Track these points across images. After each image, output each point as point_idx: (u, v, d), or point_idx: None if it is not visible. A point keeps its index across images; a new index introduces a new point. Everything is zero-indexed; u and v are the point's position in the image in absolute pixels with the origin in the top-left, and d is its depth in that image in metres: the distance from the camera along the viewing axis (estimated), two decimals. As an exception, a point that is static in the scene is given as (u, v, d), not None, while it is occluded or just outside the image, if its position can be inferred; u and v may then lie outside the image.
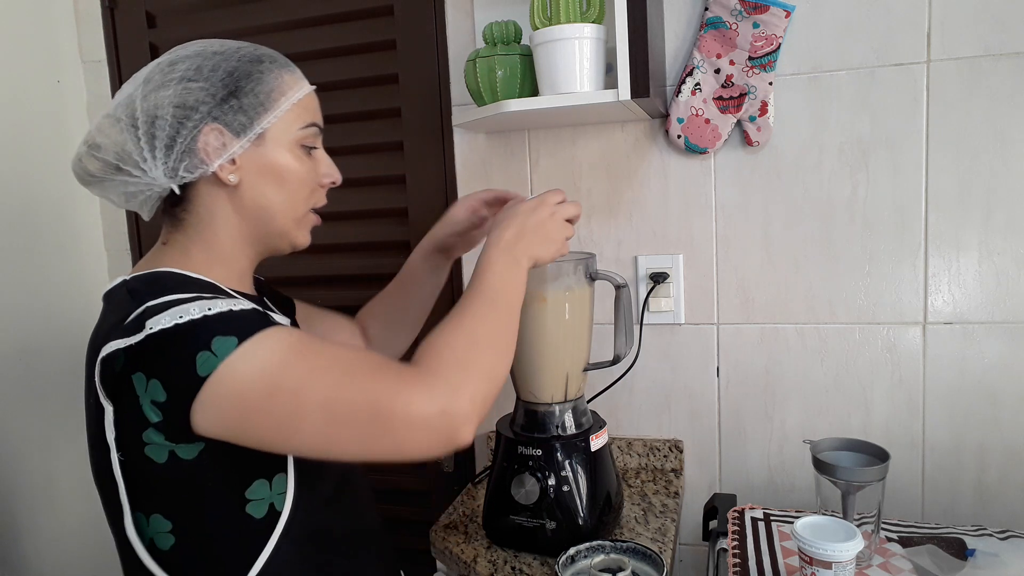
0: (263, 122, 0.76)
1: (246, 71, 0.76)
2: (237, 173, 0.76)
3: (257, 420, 0.65)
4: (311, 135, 0.80)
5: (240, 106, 0.74)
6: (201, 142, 0.73)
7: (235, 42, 0.79)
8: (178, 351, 0.64)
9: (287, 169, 0.78)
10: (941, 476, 1.17)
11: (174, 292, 0.69)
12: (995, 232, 1.11)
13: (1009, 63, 1.07)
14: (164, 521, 0.69)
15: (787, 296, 1.21)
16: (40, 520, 1.48)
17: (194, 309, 0.66)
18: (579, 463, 1.02)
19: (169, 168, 0.74)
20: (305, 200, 0.81)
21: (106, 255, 1.64)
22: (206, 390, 0.64)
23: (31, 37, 1.49)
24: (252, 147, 0.76)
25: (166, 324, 0.65)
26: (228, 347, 0.64)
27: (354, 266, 1.45)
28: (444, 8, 1.32)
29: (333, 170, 0.84)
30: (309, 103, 0.81)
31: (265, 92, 0.76)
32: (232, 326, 0.66)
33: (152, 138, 0.73)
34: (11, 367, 1.43)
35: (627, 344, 1.07)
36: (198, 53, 0.76)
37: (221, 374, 0.64)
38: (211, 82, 0.74)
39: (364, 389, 0.66)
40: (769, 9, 1.10)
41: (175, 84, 0.73)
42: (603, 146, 1.27)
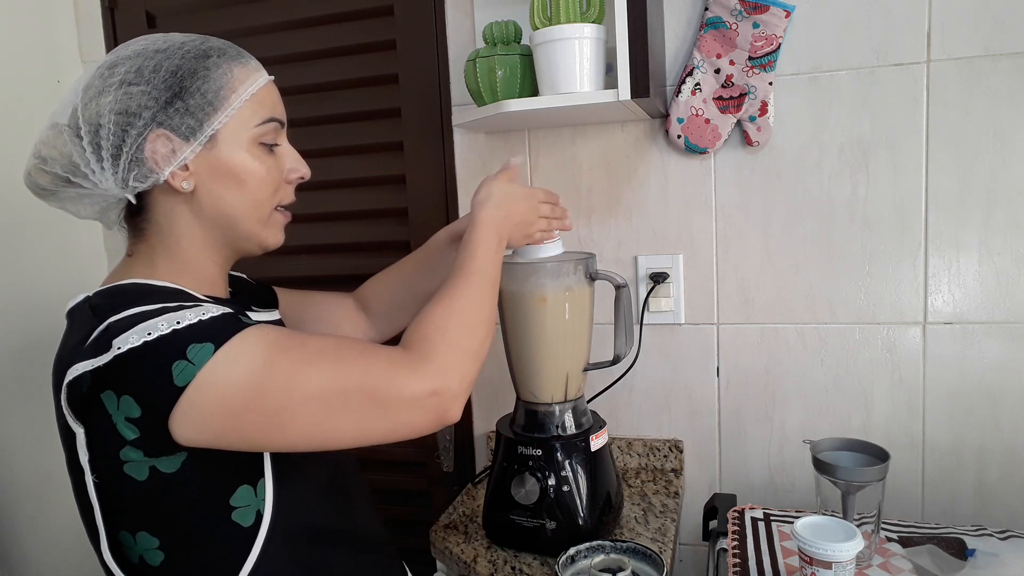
0: (213, 123, 0.71)
1: (190, 69, 0.70)
2: (191, 179, 0.72)
3: (247, 420, 0.64)
4: (270, 130, 0.75)
5: (186, 108, 0.70)
6: (148, 150, 0.69)
7: (181, 36, 0.74)
8: (151, 365, 0.62)
9: (245, 170, 0.73)
10: (941, 476, 1.17)
11: (137, 304, 0.66)
12: (995, 232, 1.11)
13: (1009, 63, 1.07)
14: (151, 538, 0.67)
15: (787, 296, 1.21)
16: (39, 520, 1.48)
17: (162, 324, 0.63)
18: (579, 463, 1.02)
19: (119, 178, 0.70)
20: (268, 200, 0.77)
21: (106, 256, 1.64)
22: (185, 399, 0.62)
23: (31, 37, 1.49)
24: (204, 150, 0.71)
25: (134, 343, 0.62)
26: (205, 354, 0.62)
27: (354, 266, 1.44)
28: (444, 8, 1.32)
29: (299, 164, 0.80)
30: (265, 97, 0.75)
31: (213, 90, 0.71)
32: (206, 333, 0.64)
33: (98, 148, 0.69)
34: (11, 367, 1.43)
35: (627, 344, 1.07)
36: (139, 53, 0.71)
37: (201, 382, 0.62)
38: (153, 84, 0.69)
39: (357, 375, 0.66)
40: (769, 9, 1.10)
41: (115, 89, 0.69)
42: (603, 146, 1.27)
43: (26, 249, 1.47)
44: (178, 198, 0.73)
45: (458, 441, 1.43)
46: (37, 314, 1.48)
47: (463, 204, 1.36)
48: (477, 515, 1.16)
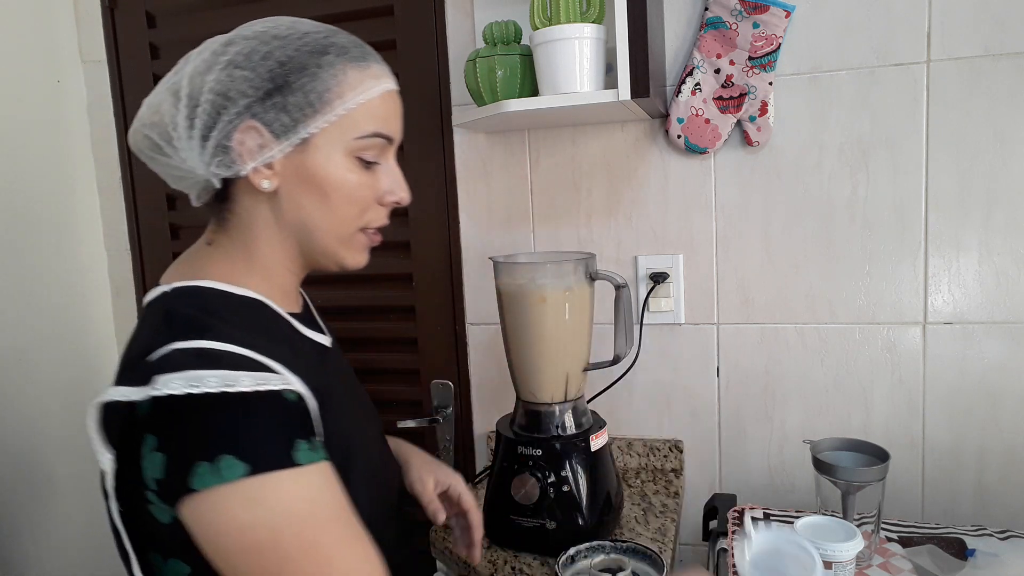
0: (309, 126, 0.66)
1: (301, 63, 0.65)
2: (273, 179, 0.67)
3: (221, 560, 0.57)
4: (372, 146, 0.69)
5: (284, 104, 0.65)
6: (236, 139, 0.65)
7: (309, 25, 0.68)
8: (186, 439, 0.56)
9: (332, 183, 0.68)
10: (941, 476, 1.17)
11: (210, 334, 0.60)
12: (995, 232, 1.11)
13: (1009, 63, 1.07)
14: (183, 565, 0.61)
15: (787, 296, 1.21)
16: (40, 520, 1.48)
17: (212, 379, 0.56)
18: (579, 463, 1.02)
19: (204, 160, 0.66)
20: (354, 218, 0.71)
21: (106, 256, 1.64)
22: (191, 501, 0.56)
23: (31, 37, 1.49)
24: (294, 152, 0.66)
25: (175, 390, 0.56)
26: (233, 473, 0.55)
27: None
28: (444, 8, 1.32)
29: (398, 188, 0.73)
30: (378, 108, 0.69)
31: (317, 91, 0.65)
32: (249, 443, 0.56)
33: (191, 123, 0.65)
34: (11, 367, 1.43)
35: (627, 344, 1.07)
36: (257, 35, 0.66)
37: (212, 499, 0.55)
38: (258, 72, 0.64)
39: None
40: (769, 9, 1.10)
41: (220, 68, 0.65)
42: (603, 146, 1.27)
43: (26, 249, 1.47)
44: (260, 196, 0.68)
45: (458, 441, 1.43)
46: (37, 314, 1.48)
47: (463, 204, 1.35)
48: (477, 515, 1.16)
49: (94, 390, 1.60)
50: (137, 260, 1.62)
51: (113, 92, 1.57)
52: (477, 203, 1.35)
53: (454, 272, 1.39)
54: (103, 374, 1.62)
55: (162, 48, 1.52)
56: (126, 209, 1.61)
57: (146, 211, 1.60)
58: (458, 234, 1.37)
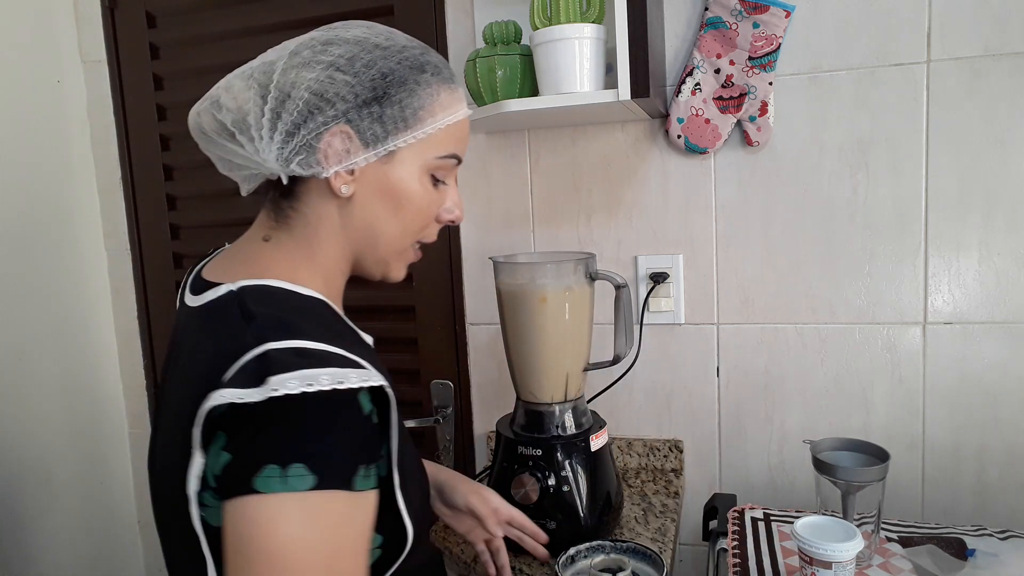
0: (399, 140, 0.67)
1: (401, 77, 0.67)
2: (352, 185, 0.68)
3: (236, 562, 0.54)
4: (448, 166, 0.72)
5: (380, 115, 0.66)
6: (325, 141, 0.65)
7: (405, 39, 0.70)
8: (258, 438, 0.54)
9: (408, 197, 0.70)
10: (941, 476, 1.17)
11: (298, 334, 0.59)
12: (995, 232, 1.11)
13: (1009, 63, 1.07)
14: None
15: (787, 296, 1.21)
16: (40, 520, 1.48)
17: (325, 378, 0.55)
18: (579, 463, 1.02)
19: (283, 156, 0.66)
20: (416, 233, 0.74)
21: (106, 255, 1.64)
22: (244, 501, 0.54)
23: (31, 37, 1.49)
24: (378, 162, 0.68)
25: (292, 390, 0.54)
26: (300, 483, 0.53)
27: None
28: (444, 8, 1.32)
29: (457, 207, 0.76)
30: (458, 130, 0.72)
31: (412, 108, 0.67)
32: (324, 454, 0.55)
33: (277, 117, 0.65)
34: (11, 367, 1.43)
35: (627, 344, 1.07)
36: (359, 41, 0.67)
37: (269, 503, 0.53)
38: (360, 79, 0.65)
39: None
40: (769, 9, 1.10)
41: (322, 68, 0.65)
42: (603, 146, 1.27)
43: (27, 249, 1.47)
44: (331, 199, 0.69)
45: (458, 441, 1.43)
46: (37, 312, 1.48)
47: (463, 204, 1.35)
48: (477, 515, 1.16)
49: (94, 390, 1.60)
50: (137, 260, 1.62)
51: (113, 92, 1.57)
52: (477, 203, 1.35)
53: (454, 272, 1.39)
54: (103, 374, 1.62)
55: (162, 48, 1.52)
56: (126, 209, 1.61)
57: (146, 211, 1.60)
58: (458, 234, 1.37)
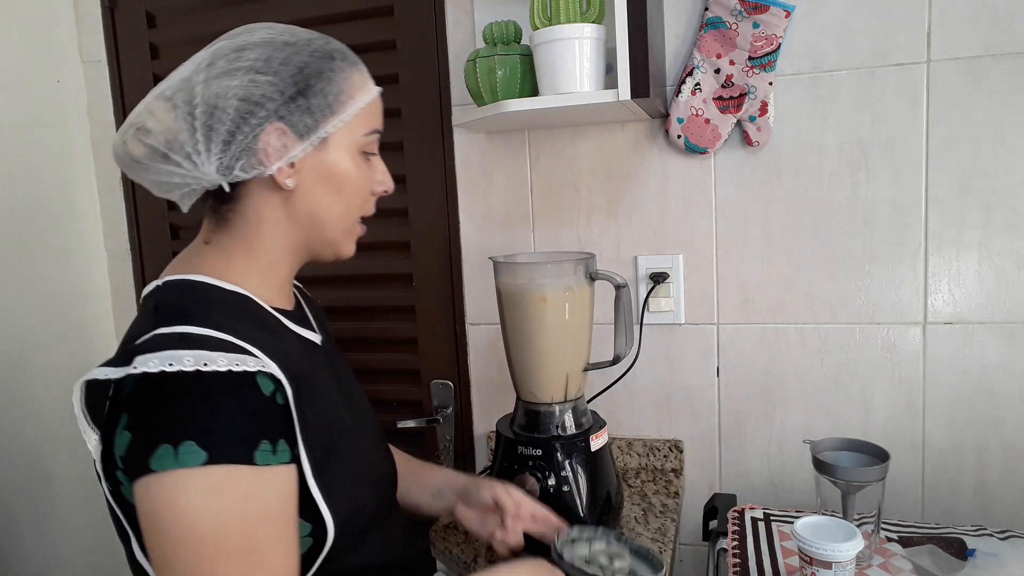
0: (329, 126, 0.71)
1: (317, 68, 0.70)
2: (295, 177, 0.71)
3: (152, 541, 0.59)
4: (373, 141, 0.77)
5: (308, 107, 0.69)
6: (262, 141, 0.68)
7: (305, 32, 0.74)
8: (153, 419, 0.59)
9: (346, 176, 0.74)
10: (941, 476, 1.17)
11: (192, 319, 0.64)
12: (995, 232, 1.11)
13: (1009, 63, 1.07)
14: None
15: (787, 296, 1.21)
16: (39, 520, 1.48)
17: (188, 359, 0.59)
18: (579, 463, 1.02)
19: (223, 164, 0.69)
20: (358, 208, 0.78)
21: (106, 256, 1.64)
22: (145, 481, 0.58)
23: (31, 37, 1.49)
24: (315, 151, 0.71)
25: (151, 368, 0.59)
26: (192, 459, 0.57)
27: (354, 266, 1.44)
28: (444, 8, 1.32)
29: (387, 177, 0.80)
30: (375, 107, 0.76)
31: (334, 93, 0.71)
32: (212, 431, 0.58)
33: (209, 129, 0.67)
34: (11, 367, 1.43)
35: (627, 344, 1.07)
36: (267, 42, 0.70)
37: (167, 481, 0.57)
38: (280, 77, 0.68)
39: None
40: (769, 9, 1.10)
41: (242, 74, 0.67)
42: (603, 146, 1.27)
43: (27, 250, 1.47)
44: (274, 194, 0.72)
45: (458, 441, 1.43)
46: (38, 315, 1.48)
47: (463, 204, 1.36)
48: (477, 515, 1.16)
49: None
50: (137, 260, 1.62)
51: (113, 92, 1.57)
52: (477, 203, 1.35)
53: (454, 272, 1.39)
54: (103, 374, 1.62)
55: (162, 48, 1.52)
56: (126, 209, 1.61)
57: (146, 211, 1.60)
58: (458, 234, 1.37)
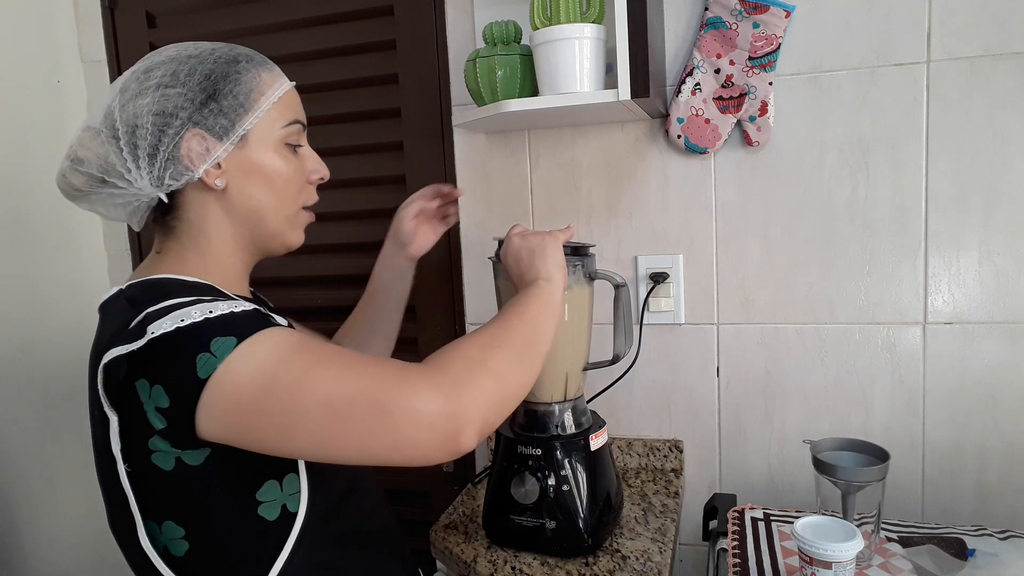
0: (245, 123, 0.75)
1: (223, 73, 0.75)
2: (223, 177, 0.75)
3: (257, 421, 0.64)
4: (295, 132, 0.80)
5: (220, 109, 0.74)
6: (184, 148, 0.73)
7: (209, 44, 0.78)
8: (179, 355, 0.63)
9: (273, 169, 0.78)
10: (941, 476, 1.17)
11: (174, 296, 0.68)
12: (995, 232, 1.11)
13: (1009, 63, 1.07)
14: (176, 528, 0.68)
15: (787, 296, 1.21)
16: (40, 520, 1.48)
17: (195, 312, 0.65)
18: (579, 462, 1.02)
19: (155, 177, 0.73)
20: (294, 199, 0.81)
21: (106, 256, 1.64)
22: (207, 393, 0.63)
23: (31, 37, 1.49)
24: (236, 149, 0.75)
25: (167, 328, 0.64)
26: (227, 347, 0.63)
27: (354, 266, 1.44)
28: (444, 8, 1.32)
29: (320, 166, 0.84)
30: (290, 100, 0.80)
31: (244, 93, 0.75)
32: (232, 327, 0.65)
33: (135, 148, 0.72)
34: (11, 368, 1.43)
35: (626, 344, 1.07)
36: (172, 58, 0.75)
37: (220, 375, 0.63)
38: (188, 87, 0.73)
39: (365, 383, 0.65)
40: (769, 9, 1.10)
41: (152, 91, 0.73)
42: (603, 146, 1.27)
43: (26, 249, 1.47)
44: (209, 196, 0.76)
45: (458, 441, 1.43)
46: (37, 314, 1.48)
47: (463, 204, 1.35)
48: (477, 515, 1.16)
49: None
50: (137, 260, 1.62)
51: (113, 92, 1.57)
52: (477, 203, 1.35)
53: (454, 272, 1.39)
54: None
55: (162, 48, 1.52)
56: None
57: (146, 211, 1.60)
58: (458, 234, 1.37)
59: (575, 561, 1.00)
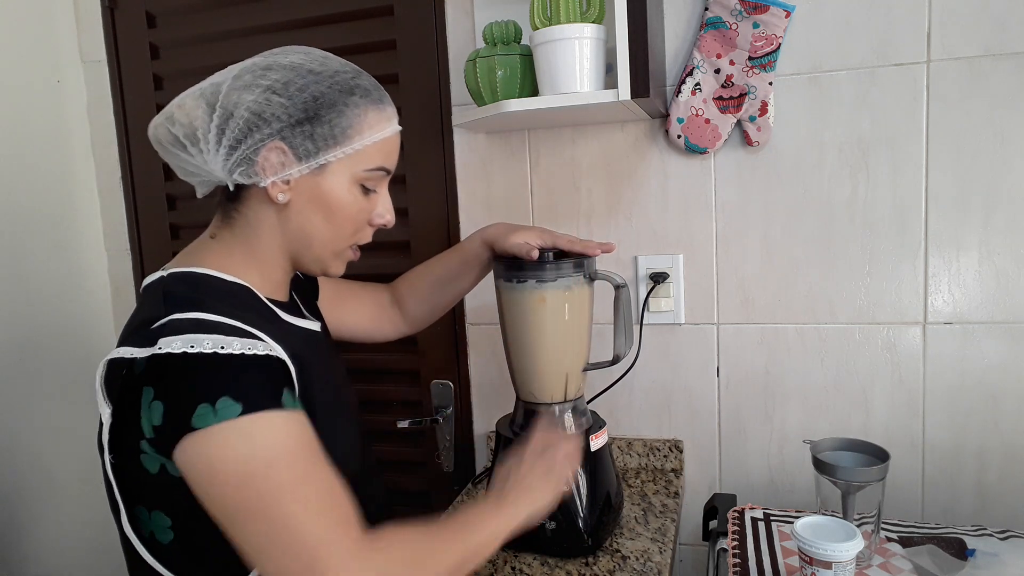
0: (329, 155, 0.75)
1: (331, 100, 0.75)
2: (288, 194, 0.76)
3: (215, 492, 0.64)
4: (376, 178, 0.80)
5: (311, 133, 0.74)
6: (262, 156, 0.74)
7: (337, 62, 0.78)
8: (184, 389, 0.64)
9: (338, 205, 0.78)
10: (941, 476, 1.17)
11: (206, 303, 0.69)
12: (995, 232, 1.11)
13: (1009, 63, 1.07)
14: (165, 517, 0.70)
15: (787, 296, 1.21)
16: (40, 519, 1.48)
17: (208, 343, 0.65)
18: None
19: (227, 166, 0.75)
20: (349, 236, 0.82)
21: (106, 256, 1.64)
22: (191, 440, 0.63)
23: (31, 37, 1.49)
24: (311, 174, 0.76)
25: (175, 349, 0.64)
26: (230, 413, 0.63)
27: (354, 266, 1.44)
28: (444, 8, 1.32)
29: (388, 212, 0.84)
30: (385, 146, 0.79)
31: (341, 127, 0.75)
32: (242, 388, 0.64)
33: (221, 133, 0.73)
34: (11, 367, 1.43)
35: (626, 344, 1.07)
36: (294, 67, 0.75)
37: (210, 435, 0.63)
38: (293, 101, 0.73)
39: (319, 529, 0.64)
40: (769, 9, 1.10)
41: (260, 91, 0.73)
42: (603, 146, 1.27)
43: (26, 249, 1.47)
44: (271, 205, 0.77)
45: (458, 441, 1.43)
46: (37, 313, 1.48)
47: (463, 204, 1.36)
48: (477, 515, 1.16)
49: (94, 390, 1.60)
50: (137, 260, 1.62)
51: (113, 92, 1.57)
52: (477, 203, 1.35)
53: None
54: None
55: (162, 48, 1.52)
56: (126, 209, 1.61)
57: (146, 211, 1.60)
58: (458, 234, 1.37)
59: (575, 561, 1.00)
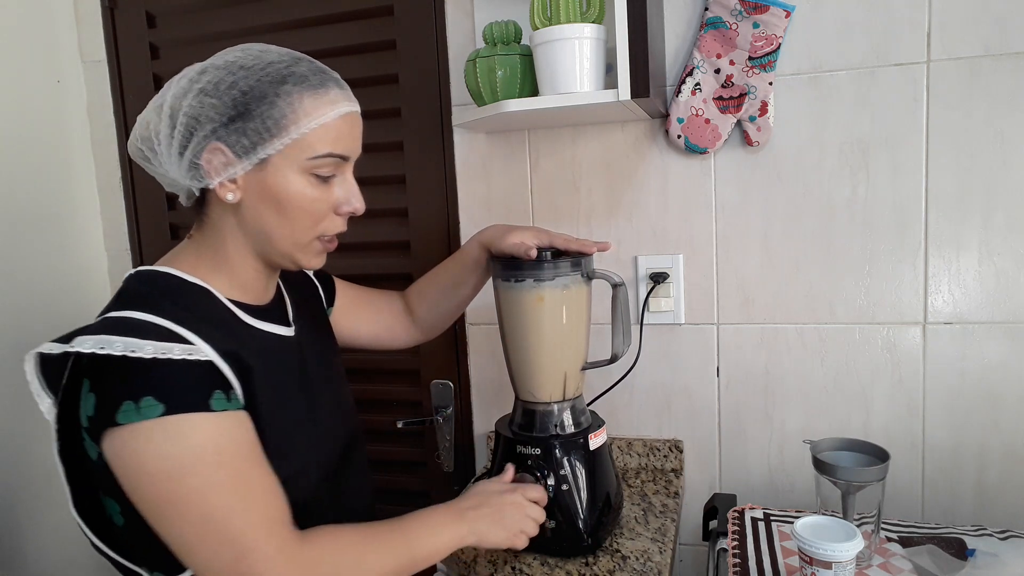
0: (267, 148, 0.74)
1: (261, 93, 0.73)
2: (237, 192, 0.76)
3: (143, 487, 0.66)
4: (326, 164, 0.77)
5: (244, 129, 0.73)
6: (204, 158, 0.74)
7: (274, 53, 0.76)
8: (113, 384, 0.66)
9: (288, 196, 0.76)
10: (941, 476, 1.17)
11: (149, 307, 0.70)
12: (995, 232, 1.11)
13: (1009, 63, 1.07)
14: (114, 503, 0.71)
15: (787, 296, 1.21)
16: (40, 519, 1.48)
17: (118, 344, 0.66)
18: (578, 462, 1.02)
19: (181, 173, 0.76)
20: (309, 227, 0.79)
21: (106, 255, 1.64)
22: (117, 433, 0.65)
23: (31, 37, 1.49)
24: (254, 170, 0.75)
25: (84, 348, 0.65)
26: (153, 412, 0.65)
27: (354, 266, 1.44)
28: (444, 8, 1.32)
29: (352, 198, 0.81)
30: (329, 131, 0.76)
31: (273, 119, 0.73)
32: (164, 389, 0.66)
33: (171, 139, 0.75)
34: (11, 366, 1.43)
35: (625, 343, 1.07)
36: (227, 65, 0.74)
37: (135, 431, 0.65)
38: (223, 100, 0.73)
39: (245, 523, 0.67)
40: (769, 9, 1.10)
41: (194, 95, 0.74)
42: (603, 146, 1.27)
43: (26, 249, 1.47)
44: (227, 205, 0.77)
45: (458, 441, 1.43)
46: (37, 313, 1.48)
47: (463, 204, 1.36)
48: (477, 515, 1.16)
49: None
50: (137, 260, 1.62)
51: (113, 92, 1.57)
52: (477, 203, 1.35)
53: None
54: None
55: (162, 48, 1.52)
56: (126, 209, 1.61)
57: (146, 211, 1.60)
58: (458, 234, 1.37)
59: (575, 561, 1.00)
